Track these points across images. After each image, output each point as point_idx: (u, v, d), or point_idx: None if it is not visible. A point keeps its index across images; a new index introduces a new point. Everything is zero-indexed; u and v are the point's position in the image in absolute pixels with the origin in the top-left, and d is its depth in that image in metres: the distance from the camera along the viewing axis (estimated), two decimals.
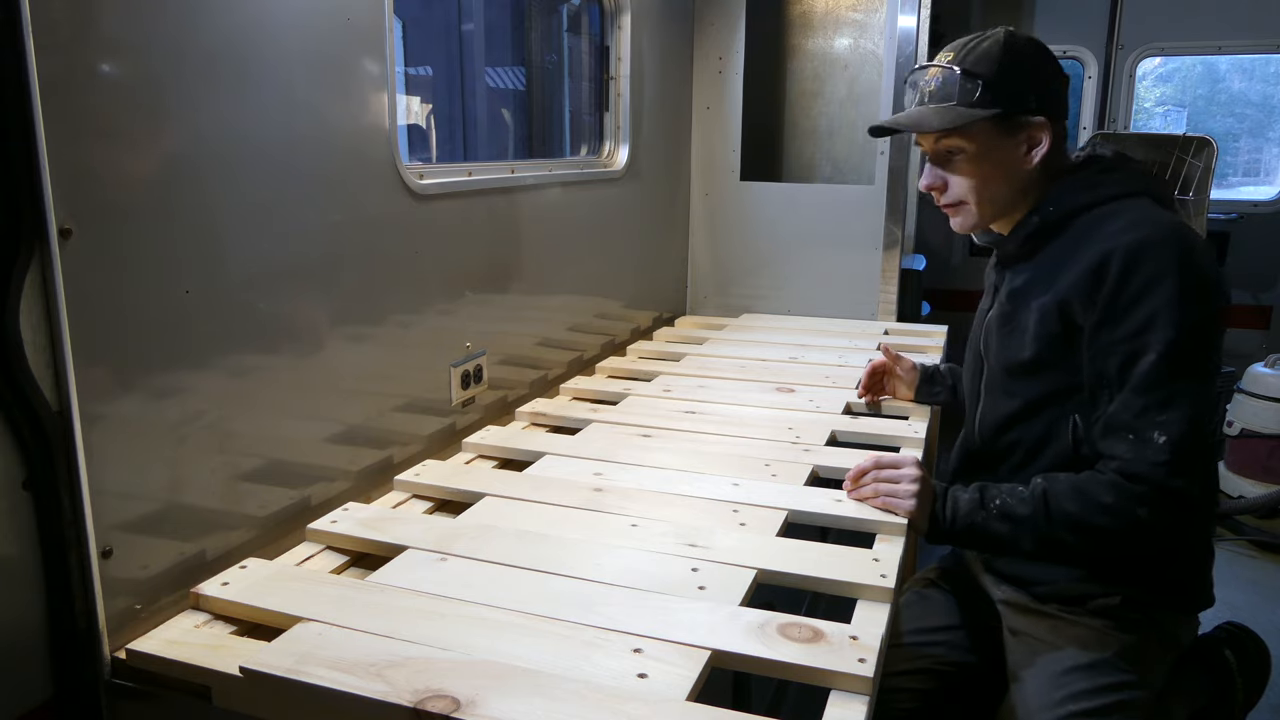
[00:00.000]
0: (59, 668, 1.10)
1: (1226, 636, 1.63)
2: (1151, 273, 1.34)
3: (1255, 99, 6.39)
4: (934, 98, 1.49)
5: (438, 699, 0.96)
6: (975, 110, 1.45)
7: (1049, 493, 1.39)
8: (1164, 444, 1.32)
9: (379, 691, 0.97)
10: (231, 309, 1.30)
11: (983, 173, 1.50)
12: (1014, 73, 1.46)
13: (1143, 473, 1.33)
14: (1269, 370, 3.77)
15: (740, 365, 2.47)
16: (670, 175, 3.08)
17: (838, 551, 1.34)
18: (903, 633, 1.79)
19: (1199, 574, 1.52)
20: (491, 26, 7.62)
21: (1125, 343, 1.36)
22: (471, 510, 1.50)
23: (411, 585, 1.24)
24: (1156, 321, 1.33)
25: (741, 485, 1.59)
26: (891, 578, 1.26)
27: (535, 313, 2.25)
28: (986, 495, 1.44)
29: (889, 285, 3.07)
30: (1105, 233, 1.41)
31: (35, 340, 1.03)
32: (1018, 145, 1.49)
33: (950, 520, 1.44)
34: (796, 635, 1.09)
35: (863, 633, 1.10)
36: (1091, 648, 1.47)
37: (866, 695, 1.01)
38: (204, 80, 1.22)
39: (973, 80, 1.45)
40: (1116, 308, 1.37)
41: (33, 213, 1.00)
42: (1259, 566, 3.56)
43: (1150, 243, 1.36)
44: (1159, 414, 1.33)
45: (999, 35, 1.48)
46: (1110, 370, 1.39)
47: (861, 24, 3.36)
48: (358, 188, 1.55)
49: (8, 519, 1.04)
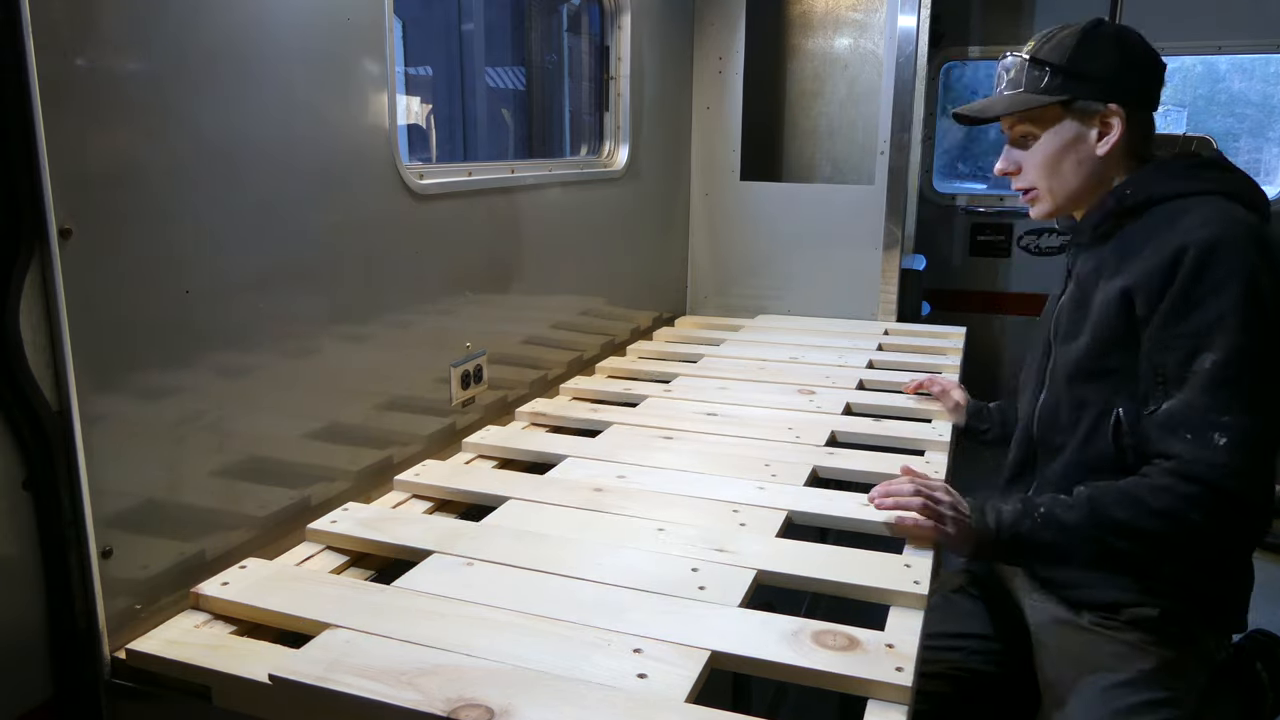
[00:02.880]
0: (59, 668, 1.10)
1: (1257, 649, 1.60)
2: (1225, 271, 1.31)
3: (1255, 99, 6.39)
4: (1009, 85, 1.53)
5: (471, 708, 0.95)
6: (1040, 96, 1.47)
7: (1094, 499, 1.36)
8: (1224, 446, 1.28)
9: (412, 700, 0.97)
10: (231, 309, 1.30)
11: (1052, 159, 1.50)
12: (1087, 61, 1.46)
13: (1199, 474, 1.29)
14: None
15: (741, 365, 2.47)
16: (670, 175, 3.08)
17: (863, 557, 1.32)
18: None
19: (1239, 592, 1.49)
20: (491, 26, 7.62)
21: (1190, 339, 1.33)
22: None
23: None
24: (1225, 321, 1.30)
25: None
26: (925, 584, 1.25)
27: (535, 313, 2.25)
28: (1029, 504, 1.40)
29: (889, 285, 3.07)
30: (1183, 226, 1.37)
31: (35, 340, 1.03)
32: (1090, 132, 1.48)
33: (996, 530, 1.39)
34: (832, 644, 1.08)
35: (898, 640, 1.10)
36: (1130, 663, 1.44)
37: (905, 705, 1.00)
38: (204, 80, 1.22)
39: (1040, 67, 1.48)
40: (1185, 302, 1.33)
41: (33, 213, 1.00)
42: (1259, 567, 3.53)
43: (1227, 241, 1.32)
44: (1221, 415, 1.29)
45: (1082, 24, 1.49)
46: (1170, 365, 1.35)
47: (861, 24, 3.36)
48: (358, 188, 1.55)
49: (8, 519, 1.04)
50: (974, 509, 1.42)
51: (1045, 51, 1.48)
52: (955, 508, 1.42)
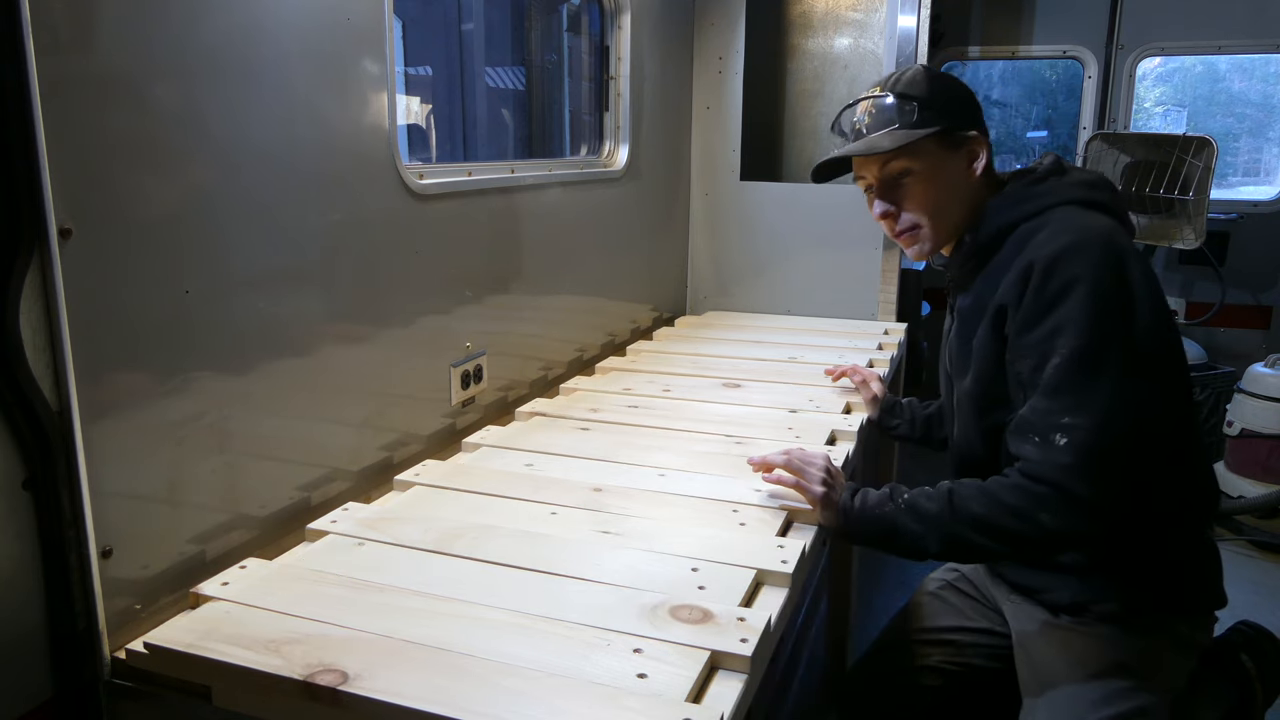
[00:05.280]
0: (59, 668, 1.10)
1: (1242, 640, 1.62)
2: (1067, 277, 1.34)
3: (1255, 99, 6.39)
4: (872, 127, 1.52)
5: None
6: (918, 130, 1.48)
7: (955, 493, 1.39)
8: (1066, 446, 1.30)
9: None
10: (231, 309, 1.30)
11: (934, 191, 1.52)
12: (943, 93, 1.52)
13: (1044, 475, 1.31)
14: (1269, 370, 3.77)
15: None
16: (670, 175, 3.08)
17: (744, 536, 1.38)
18: (912, 630, 1.79)
19: (1201, 575, 1.51)
20: (491, 26, 7.62)
21: (1037, 345, 1.36)
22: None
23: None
24: (1068, 324, 1.33)
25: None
26: (792, 564, 1.28)
27: (535, 313, 2.25)
28: (896, 491, 1.44)
29: (889, 285, 3.07)
30: (1034, 243, 1.41)
31: (35, 340, 1.03)
32: (960, 160, 1.52)
33: (859, 508, 1.43)
34: (687, 617, 1.13)
35: (752, 615, 1.14)
36: (1103, 656, 1.46)
37: (744, 674, 1.05)
38: (204, 80, 1.22)
39: (909, 102, 1.50)
40: (1033, 313, 1.37)
41: (33, 213, 1.00)
42: (1259, 566, 3.56)
43: (1069, 248, 1.36)
44: (1064, 416, 1.31)
45: (916, 66, 1.57)
46: (1025, 373, 1.39)
47: (861, 24, 3.36)
48: (358, 188, 1.55)
49: (8, 519, 1.04)
50: (847, 488, 1.47)
51: (903, 88, 1.51)
52: (826, 481, 1.46)
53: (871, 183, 1.56)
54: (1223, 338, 4.59)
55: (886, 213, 1.55)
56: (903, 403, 2.05)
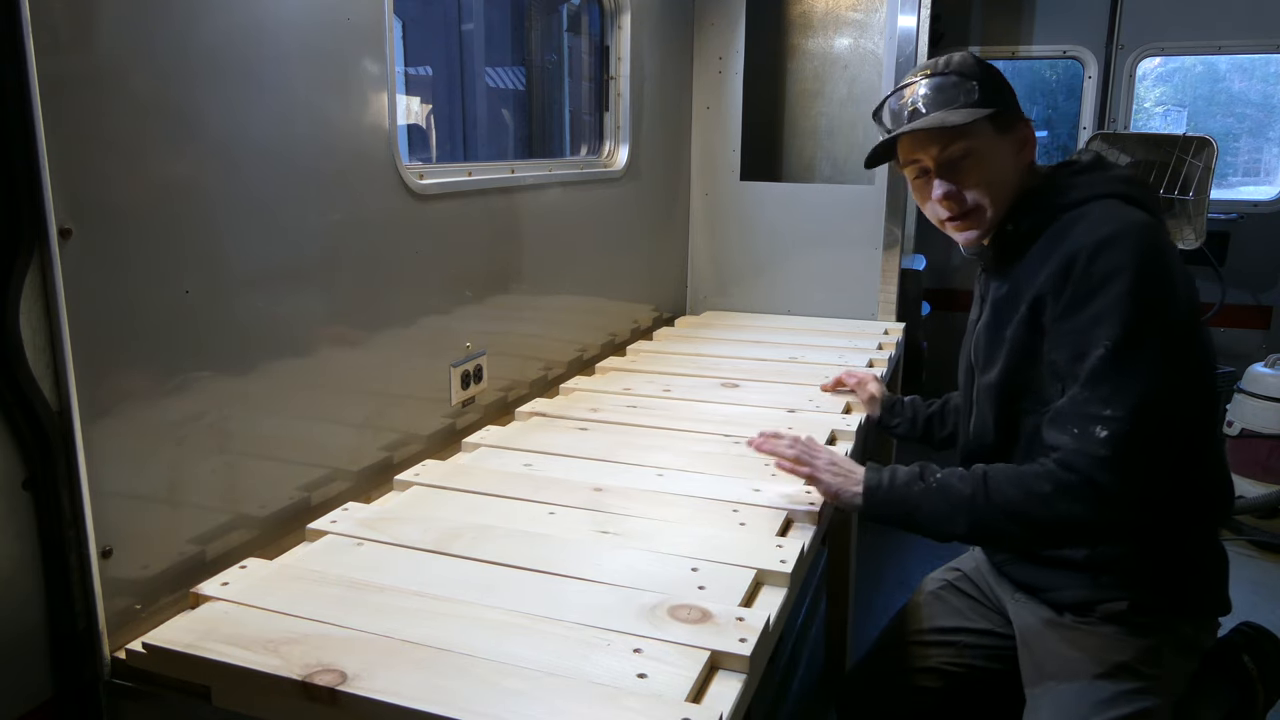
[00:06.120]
0: (59, 668, 1.10)
1: (1244, 641, 1.61)
2: (1110, 266, 1.33)
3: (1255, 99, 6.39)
4: (933, 106, 1.48)
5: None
6: (982, 110, 1.46)
7: (989, 476, 1.39)
8: (1105, 438, 1.30)
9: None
10: (231, 309, 1.30)
11: (990, 173, 1.50)
12: (994, 77, 1.50)
13: (1079, 465, 1.31)
14: (1269, 370, 3.77)
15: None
16: (670, 175, 3.08)
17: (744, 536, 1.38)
18: (912, 631, 1.79)
19: (1208, 579, 1.51)
20: (491, 26, 7.62)
21: (1077, 335, 1.36)
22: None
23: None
24: (1108, 315, 1.32)
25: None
26: (790, 564, 1.28)
27: (535, 313, 2.25)
28: (927, 471, 1.44)
29: (889, 285, 3.07)
30: (1076, 232, 1.41)
31: (35, 340, 1.03)
32: (1010, 144, 1.51)
33: (888, 485, 1.42)
34: (686, 617, 1.13)
35: (752, 615, 1.14)
36: (1106, 655, 1.46)
37: (744, 673, 1.05)
38: (204, 80, 1.22)
39: (968, 80, 1.47)
40: (1074, 302, 1.37)
41: (33, 213, 1.00)
42: (1259, 566, 3.56)
43: (1113, 237, 1.35)
44: (1103, 408, 1.31)
45: (964, 52, 1.54)
46: (1062, 362, 1.38)
47: (861, 24, 3.36)
48: (358, 188, 1.55)
49: (8, 519, 1.04)
50: (872, 466, 1.47)
51: (957, 68, 1.49)
52: (834, 463, 1.48)
53: (928, 165, 1.50)
54: (1223, 338, 4.59)
55: (949, 193, 1.49)
56: (904, 401, 2.05)
